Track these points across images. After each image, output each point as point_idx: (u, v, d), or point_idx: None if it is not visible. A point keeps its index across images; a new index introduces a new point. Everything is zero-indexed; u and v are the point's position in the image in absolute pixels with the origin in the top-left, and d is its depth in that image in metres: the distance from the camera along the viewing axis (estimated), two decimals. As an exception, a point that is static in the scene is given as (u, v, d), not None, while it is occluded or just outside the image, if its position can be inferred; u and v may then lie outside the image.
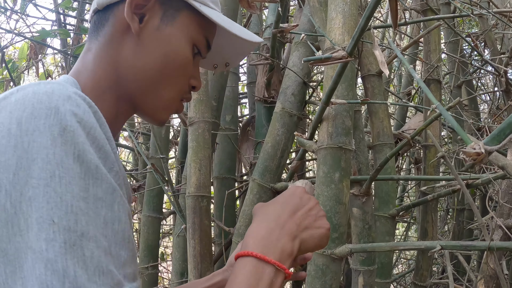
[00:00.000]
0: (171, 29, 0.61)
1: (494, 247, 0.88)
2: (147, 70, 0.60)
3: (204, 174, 1.35)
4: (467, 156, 0.44)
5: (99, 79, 0.59)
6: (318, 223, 0.60)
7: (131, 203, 0.66)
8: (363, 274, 1.43)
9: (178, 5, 0.62)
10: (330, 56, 1.09)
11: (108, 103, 0.60)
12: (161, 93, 0.61)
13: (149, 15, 0.60)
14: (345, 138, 1.25)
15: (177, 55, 0.61)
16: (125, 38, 0.60)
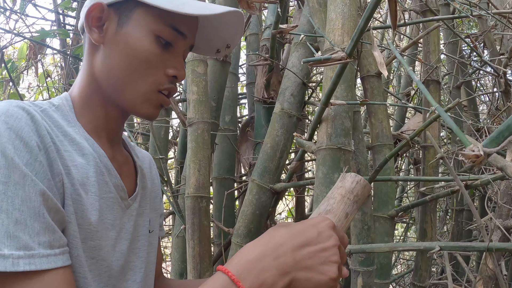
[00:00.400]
0: (126, 29, 0.66)
1: (493, 248, 0.88)
2: (115, 71, 0.66)
3: (203, 174, 1.35)
4: (465, 158, 0.44)
5: (83, 89, 0.69)
6: (324, 268, 0.53)
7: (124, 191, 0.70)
8: (362, 275, 1.43)
9: (130, 6, 0.66)
10: (329, 57, 1.09)
11: (95, 108, 0.69)
12: (135, 88, 0.67)
13: (107, 23, 0.67)
14: (344, 139, 1.25)
15: (136, 50, 0.65)
16: (96, 49, 0.68)
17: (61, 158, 0.59)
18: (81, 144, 0.64)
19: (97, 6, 0.66)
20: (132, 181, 0.74)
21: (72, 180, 0.59)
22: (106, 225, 0.64)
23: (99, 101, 0.69)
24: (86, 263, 0.60)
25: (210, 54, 0.80)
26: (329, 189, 1.23)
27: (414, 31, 2.36)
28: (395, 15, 1.13)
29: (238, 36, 0.76)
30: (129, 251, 0.69)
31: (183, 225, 1.43)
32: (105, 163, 0.66)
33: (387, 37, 2.87)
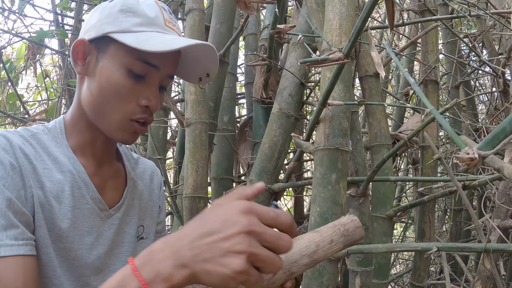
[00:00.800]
0: (102, 63, 0.74)
1: (490, 249, 0.88)
2: (94, 100, 0.75)
3: (201, 175, 1.35)
4: (460, 161, 0.44)
5: (73, 114, 0.80)
6: (224, 260, 0.48)
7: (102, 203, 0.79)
8: (360, 275, 1.43)
9: (106, 41, 0.74)
10: (327, 57, 1.09)
11: (82, 130, 0.79)
12: (109, 117, 0.75)
13: (89, 57, 0.76)
14: (342, 140, 1.25)
15: (108, 83, 0.73)
16: (82, 80, 0.78)
17: (36, 175, 0.71)
18: (62, 163, 0.75)
19: (80, 42, 0.75)
20: (120, 193, 0.82)
21: (45, 192, 0.71)
22: (82, 232, 0.74)
23: (86, 124, 0.79)
24: (56, 260, 0.71)
25: (194, 81, 0.86)
26: (326, 190, 1.24)
27: (413, 31, 2.35)
28: (392, 15, 1.13)
29: (214, 65, 0.82)
30: (109, 255, 0.79)
31: (181, 226, 1.42)
32: (83, 179, 0.76)
33: (385, 37, 2.87)
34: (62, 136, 0.78)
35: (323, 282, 1.23)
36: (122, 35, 0.72)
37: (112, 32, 0.73)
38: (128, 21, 0.74)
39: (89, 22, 0.77)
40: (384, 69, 1.41)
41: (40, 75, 2.27)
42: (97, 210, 0.77)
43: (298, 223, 2.17)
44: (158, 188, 0.92)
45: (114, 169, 0.84)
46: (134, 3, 0.76)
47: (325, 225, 0.66)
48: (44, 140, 0.76)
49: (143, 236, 0.86)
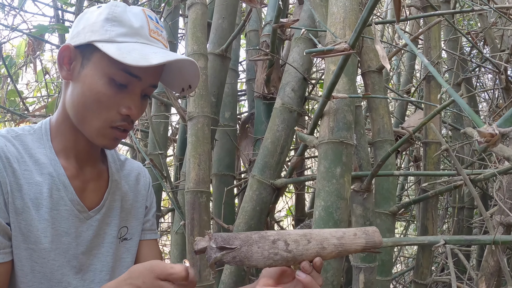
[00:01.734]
0: (86, 71, 0.75)
1: (499, 240, 0.86)
2: (76, 105, 0.76)
3: (204, 169, 1.33)
4: (481, 136, 0.43)
5: (58, 116, 0.81)
6: None
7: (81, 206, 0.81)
8: (364, 271, 1.41)
9: (91, 49, 0.75)
10: (332, 48, 1.08)
11: (66, 132, 0.81)
12: (90, 123, 0.76)
13: (74, 63, 0.77)
14: (347, 133, 1.24)
15: (91, 91, 0.74)
16: (67, 84, 0.79)
17: (15, 177, 0.73)
18: (43, 165, 0.77)
19: (66, 48, 0.76)
20: (101, 195, 0.84)
21: (23, 195, 0.74)
22: (59, 232, 0.77)
23: (69, 127, 0.80)
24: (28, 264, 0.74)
25: (177, 91, 0.89)
26: (331, 183, 1.22)
27: (415, 28, 2.35)
28: (398, 7, 1.12)
29: (196, 78, 0.84)
30: (88, 255, 0.81)
31: (183, 221, 1.41)
32: (62, 181, 0.78)
33: (386, 35, 2.87)
34: (46, 138, 0.80)
35: (328, 278, 1.21)
36: (106, 45, 0.73)
37: (96, 41, 0.74)
38: (112, 30, 0.75)
39: (76, 27, 0.78)
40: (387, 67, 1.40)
41: (40, 72, 2.25)
42: (75, 212, 0.79)
43: (299, 220, 2.16)
44: (145, 189, 0.94)
45: (97, 171, 0.85)
46: (120, 12, 0.77)
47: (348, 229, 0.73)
48: (27, 142, 0.78)
49: (127, 237, 0.88)
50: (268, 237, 0.71)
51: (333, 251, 0.72)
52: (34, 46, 2.06)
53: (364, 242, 0.73)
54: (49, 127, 0.82)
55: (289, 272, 0.77)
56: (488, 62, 1.94)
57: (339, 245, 0.72)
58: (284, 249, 0.70)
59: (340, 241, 0.72)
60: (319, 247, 0.71)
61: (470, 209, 2.23)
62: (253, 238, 0.71)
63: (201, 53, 1.50)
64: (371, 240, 0.74)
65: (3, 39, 1.91)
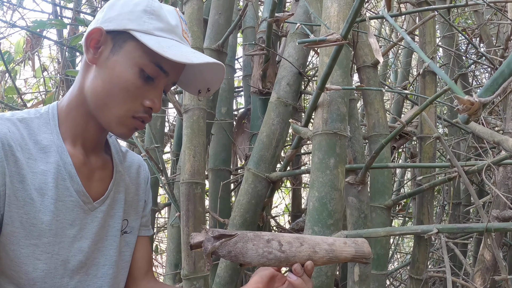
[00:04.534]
0: (117, 57, 0.74)
1: (492, 228, 0.87)
2: (99, 91, 0.75)
3: (199, 161, 1.34)
4: (460, 103, 0.43)
5: (71, 100, 0.79)
6: None
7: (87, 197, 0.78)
8: (359, 264, 1.41)
9: (125, 37, 0.74)
10: (325, 38, 1.09)
11: (77, 118, 0.78)
12: (111, 110, 0.75)
13: (103, 47, 0.75)
14: (340, 124, 1.24)
15: (119, 78, 0.73)
16: (89, 67, 0.77)
17: (17, 167, 0.69)
18: (49, 153, 0.74)
19: (97, 30, 0.74)
20: (105, 185, 0.82)
21: (26, 186, 0.70)
22: (64, 224, 0.74)
23: (82, 113, 0.78)
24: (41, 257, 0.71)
25: (193, 92, 0.89)
26: (325, 174, 1.23)
27: (410, 24, 2.37)
28: (390, -2, 1.13)
29: (218, 82, 0.85)
30: (93, 249, 0.78)
31: (178, 213, 1.41)
32: (68, 171, 0.75)
33: (384, 33, 2.88)
34: (54, 123, 0.77)
35: (322, 269, 1.21)
36: (144, 36, 0.73)
37: (133, 30, 0.73)
38: (150, 23, 0.75)
39: (107, 13, 0.76)
40: (381, 63, 1.41)
41: (38, 69, 2.26)
42: (80, 203, 0.76)
43: (296, 216, 2.16)
44: (144, 183, 0.93)
45: (102, 161, 0.83)
46: (158, 7, 0.77)
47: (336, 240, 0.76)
48: (33, 126, 0.75)
49: (127, 231, 0.87)
50: (263, 236, 0.74)
51: (324, 256, 0.74)
52: (33, 42, 2.07)
53: (353, 251, 0.76)
54: (57, 112, 0.79)
55: (279, 277, 0.79)
56: (483, 58, 1.95)
57: (330, 251, 0.75)
58: (278, 249, 0.73)
59: (331, 247, 0.75)
60: (311, 250, 0.73)
61: (466, 205, 2.24)
62: (248, 236, 0.73)
63: (197, 47, 1.51)
64: (360, 250, 0.76)
65: (2, 36, 1.92)
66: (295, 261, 0.73)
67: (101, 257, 0.80)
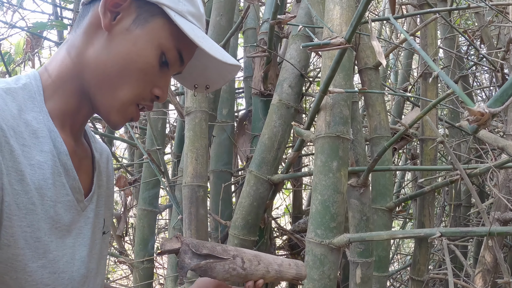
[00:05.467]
0: (140, 31, 0.61)
1: (494, 232, 0.87)
2: (108, 66, 0.61)
3: (201, 163, 1.34)
4: (470, 114, 0.43)
5: (63, 69, 0.62)
6: None
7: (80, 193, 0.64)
8: (361, 266, 1.42)
9: (153, 11, 0.62)
10: (329, 42, 1.09)
11: (68, 94, 0.62)
12: (117, 92, 0.62)
13: (123, 14, 0.62)
14: (343, 127, 1.24)
15: (139, 57, 0.61)
16: (98, 32, 0.62)
17: (13, 161, 0.51)
18: (42, 138, 0.57)
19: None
20: (89, 179, 0.68)
21: (25, 186, 0.52)
22: (63, 232, 0.59)
23: (76, 88, 0.62)
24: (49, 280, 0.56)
25: (188, 86, 0.79)
26: (327, 177, 1.23)
27: (412, 26, 2.37)
28: (393, 1, 1.13)
29: (222, 82, 0.77)
30: (89, 257, 0.65)
31: (180, 215, 1.41)
32: (64, 162, 0.59)
33: (384, 34, 2.88)
34: (40, 98, 0.59)
35: (325, 271, 1.22)
36: (179, 18, 0.62)
37: (166, 6, 0.62)
38: (184, 4, 0.64)
39: None
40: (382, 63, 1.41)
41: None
42: (74, 202, 0.62)
43: (296, 218, 2.16)
44: (113, 174, 0.80)
45: (85, 148, 0.69)
46: None
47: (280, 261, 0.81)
48: (20, 100, 0.56)
49: (105, 231, 0.73)
50: (229, 251, 0.73)
51: (274, 276, 0.78)
52: (33, 43, 2.06)
53: (295, 273, 0.80)
54: (41, 84, 0.60)
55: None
56: (484, 60, 1.96)
57: (279, 271, 0.78)
58: (241, 266, 0.73)
59: (279, 268, 0.79)
60: (265, 270, 0.76)
61: (467, 207, 2.24)
62: (217, 250, 0.72)
63: (199, 49, 1.51)
64: (299, 273, 0.81)
65: (2, 36, 1.92)
66: (251, 278, 0.75)
67: (93, 264, 0.67)
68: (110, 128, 2.45)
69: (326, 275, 1.22)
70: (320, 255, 1.20)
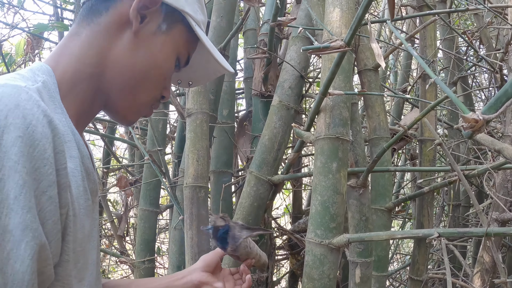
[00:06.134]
0: (165, 37, 0.63)
1: (491, 232, 0.88)
2: (133, 69, 0.61)
3: (202, 164, 1.35)
4: (465, 121, 0.44)
5: (82, 66, 0.59)
6: None
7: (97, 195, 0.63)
8: (360, 266, 1.43)
9: (177, 18, 0.64)
10: (328, 45, 1.10)
11: (86, 92, 0.60)
12: (138, 96, 0.63)
13: (150, 18, 0.62)
14: (343, 129, 1.26)
15: (164, 62, 0.64)
16: (122, 33, 0.61)
17: (66, 174, 0.48)
18: (69, 143, 0.53)
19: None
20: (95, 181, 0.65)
21: (72, 198, 0.50)
22: (85, 239, 0.56)
23: (92, 87, 0.60)
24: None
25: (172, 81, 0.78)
26: (327, 178, 1.24)
27: (411, 28, 2.38)
28: (393, 5, 1.14)
29: (205, 80, 0.80)
30: (97, 260, 0.63)
31: (181, 216, 1.42)
32: (86, 166, 0.57)
33: (383, 34, 2.90)
34: (58, 97, 0.55)
35: (324, 271, 1.23)
36: (197, 28, 0.65)
37: (189, 15, 0.64)
38: (200, 14, 0.67)
39: None
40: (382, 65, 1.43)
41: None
42: (91, 206, 0.59)
43: (296, 218, 2.18)
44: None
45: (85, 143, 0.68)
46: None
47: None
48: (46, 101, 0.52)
49: None
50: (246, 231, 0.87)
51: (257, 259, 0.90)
52: (33, 44, 2.07)
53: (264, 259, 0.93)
54: (56, 81, 0.56)
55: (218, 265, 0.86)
56: (483, 61, 1.97)
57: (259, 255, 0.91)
58: (249, 245, 0.87)
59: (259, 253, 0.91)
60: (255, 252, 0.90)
61: (466, 207, 2.26)
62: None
63: (200, 50, 1.52)
64: (265, 260, 0.95)
65: (3, 37, 1.93)
66: (249, 257, 0.87)
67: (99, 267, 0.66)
68: (110, 128, 2.47)
69: (325, 274, 1.23)
70: (320, 255, 1.22)
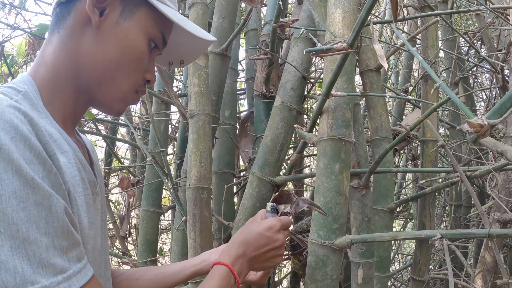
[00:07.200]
0: (129, 23, 0.64)
1: (494, 234, 0.89)
2: (105, 61, 0.63)
3: (205, 166, 1.35)
4: (470, 126, 0.45)
5: (58, 71, 0.63)
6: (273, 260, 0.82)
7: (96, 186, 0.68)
8: (363, 267, 1.43)
9: (137, 1, 0.65)
10: (331, 47, 1.10)
11: (66, 94, 0.64)
12: (118, 84, 0.65)
13: (109, 9, 0.64)
14: (345, 130, 1.26)
15: (134, 48, 0.64)
16: (86, 30, 0.63)
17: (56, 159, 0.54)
18: (59, 140, 0.59)
19: None
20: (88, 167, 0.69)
21: (67, 184, 0.56)
22: (89, 225, 0.62)
23: (73, 88, 0.64)
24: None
25: (164, 64, 0.82)
26: (330, 179, 1.24)
27: (413, 28, 2.38)
28: (396, 7, 1.14)
29: (195, 56, 0.81)
30: (102, 247, 0.67)
31: (184, 217, 1.43)
32: (80, 159, 0.62)
33: (385, 34, 2.90)
34: (40, 103, 0.60)
35: (327, 272, 1.23)
36: (161, 5, 0.65)
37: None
38: None
39: None
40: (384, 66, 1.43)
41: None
42: (92, 196, 0.64)
43: (298, 218, 2.18)
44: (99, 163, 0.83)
45: (79, 143, 0.71)
46: None
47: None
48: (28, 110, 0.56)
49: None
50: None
51: None
52: (35, 45, 2.07)
53: None
54: (37, 89, 0.61)
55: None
56: (485, 61, 1.97)
57: None
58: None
59: None
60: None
61: (468, 207, 2.26)
62: None
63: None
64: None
65: (5, 38, 1.93)
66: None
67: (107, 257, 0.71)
68: (112, 129, 2.47)
69: (328, 275, 1.23)
70: (322, 256, 1.22)
